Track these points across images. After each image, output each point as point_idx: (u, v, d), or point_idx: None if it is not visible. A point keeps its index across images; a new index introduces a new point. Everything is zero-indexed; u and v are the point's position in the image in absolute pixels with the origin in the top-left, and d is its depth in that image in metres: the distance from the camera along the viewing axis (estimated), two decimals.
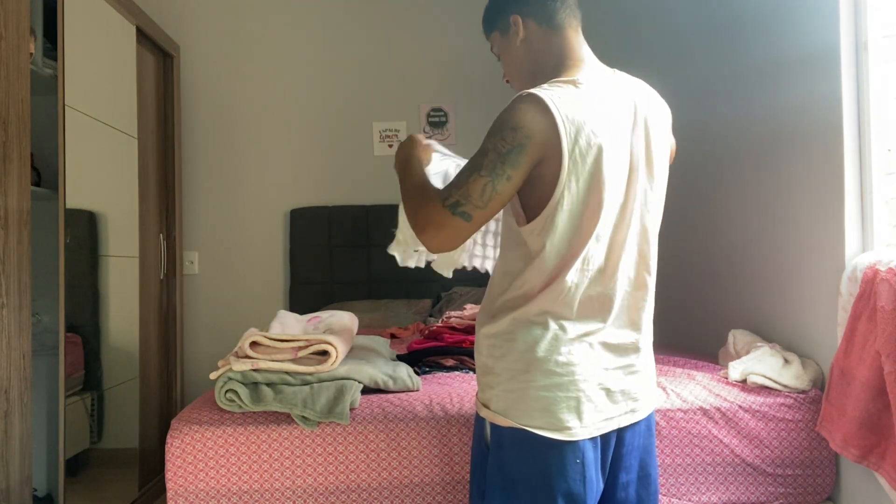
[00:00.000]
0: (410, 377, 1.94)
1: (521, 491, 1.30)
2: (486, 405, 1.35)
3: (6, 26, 2.01)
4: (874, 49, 1.89)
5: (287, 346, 1.81)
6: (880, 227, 1.89)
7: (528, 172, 1.25)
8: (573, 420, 1.28)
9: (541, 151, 1.23)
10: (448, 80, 3.88)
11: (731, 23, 2.59)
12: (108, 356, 2.69)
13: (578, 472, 1.28)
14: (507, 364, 1.32)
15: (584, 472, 1.29)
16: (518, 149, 1.23)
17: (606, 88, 1.33)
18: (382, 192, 3.81)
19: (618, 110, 1.31)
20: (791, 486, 1.88)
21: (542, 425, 1.28)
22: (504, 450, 1.32)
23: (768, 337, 2.28)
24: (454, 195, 1.25)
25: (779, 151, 2.27)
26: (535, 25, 1.38)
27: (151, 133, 3.25)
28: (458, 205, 1.24)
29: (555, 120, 1.22)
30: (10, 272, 2.01)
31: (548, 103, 1.23)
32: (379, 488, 1.76)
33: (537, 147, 1.23)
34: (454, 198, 1.24)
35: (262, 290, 3.79)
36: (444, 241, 1.28)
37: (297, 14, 3.85)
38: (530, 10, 1.38)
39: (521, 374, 1.30)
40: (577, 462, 1.28)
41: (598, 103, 1.28)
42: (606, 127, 1.27)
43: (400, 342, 2.80)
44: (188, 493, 1.73)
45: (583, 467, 1.29)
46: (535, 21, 1.38)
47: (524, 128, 1.23)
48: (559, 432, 1.27)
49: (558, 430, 1.27)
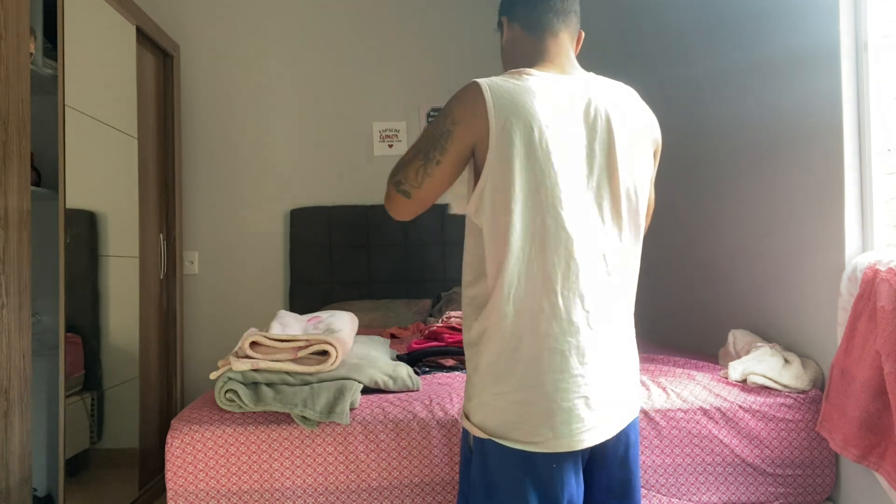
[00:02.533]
0: (410, 377, 1.94)
1: (502, 496, 1.32)
2: (467, 416, 1.39)
3: (6, 26, 2.01)
4: (874, 49, 1.89)
5: (287, 346, 1.81)
6: (880, 227, 1.89)
7: (459, 156, 1.34)
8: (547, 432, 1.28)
9: (471, 135, 1.32)
10: (448, 80, 3.85)
11: (731, 22, 2.59)
12: (108, 356, 2.69)
13: (557, 479, 1.30)
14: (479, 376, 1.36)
15: (562, 478, 1.30)
16: (446, 135, 1.34)
17: (559, 83, 1.37)
18: (382, 192, 3.79)
19: (566, 104, 1.34)
20: (791, 486, 1.88)
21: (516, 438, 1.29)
22: (485, 458, 1.34)
23: (768, 337, 2.28)
24: (398, 174, 1.40)
25: (779, 151, 2.27)
26: (520, 29, 1.48)
27: (151, 133, 3.25)
28: (399, 183, 1.39)
29: (486, 102, 1.30)
30: (10, 272, 2.01)
31: (483, 89, 1.31)
32: (379, 488, 1.76)
33: (466, 131, 1.32)
34: (397, 176, 1.40)
35: (262, 290, 3.79)
36: (393, 211, 1.44)
37: (297, 14, 3.85)
38: (517, 15, 1.48)
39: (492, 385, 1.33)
40: (553, 467, 1.30)
41: (543, 94, 1.33)
42: (546, 116, 1.31)
43: (400, 342, 2.80)
44: (188, 493, 1.73)
45: (561, 473, 1.30)
46: (520, 25, 1.47)
47: (452, 114, 1.34)
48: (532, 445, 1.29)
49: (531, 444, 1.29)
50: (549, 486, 1.30)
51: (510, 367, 1.31)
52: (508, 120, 1.29)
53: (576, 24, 1.47)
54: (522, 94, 1.32)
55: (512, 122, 1.29)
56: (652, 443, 1.85)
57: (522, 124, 1.29)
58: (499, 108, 1.30)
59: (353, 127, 3.85)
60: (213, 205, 3.78)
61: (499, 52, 1.59)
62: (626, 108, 1.40)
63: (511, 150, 1.29)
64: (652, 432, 1.85)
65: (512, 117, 1.29)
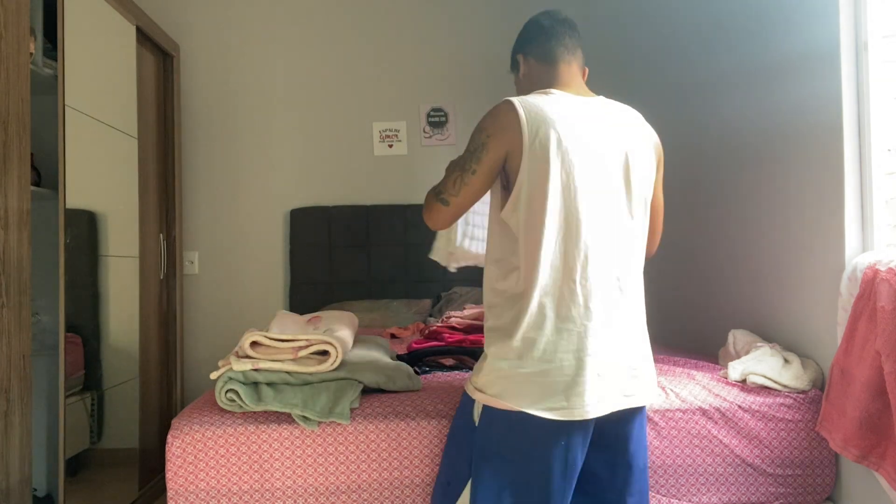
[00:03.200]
0: (410, 377, 1.94)
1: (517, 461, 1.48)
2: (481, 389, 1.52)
3: (6, 26, 2.01)
4: (874, 49, 1.89)
5: (287, 346, 1.81)
6: (880, 227, 1.89)
7: (493, 165, 1.51)
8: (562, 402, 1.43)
9: (504, 145, 1.49)
10: (448, 80, 3.88)
11: (731, 23, 2.59)
12: (108, 356, 2.69)
13: (569, 446, 1.46)
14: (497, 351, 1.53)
15: (573, 447, 1.46)
16: (481, 147, 1.51)
17: (580, 100, 1.56)
18: (382, 192, 3.82)
19: (588, 117, 1.53)
20: (791, 486, 1.88)
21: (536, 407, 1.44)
22: (498, 426, 1.49)
23: (768, 337, 2.28)
24: (440, 185, 1.58)
25: (779, 151, 2.27)
26: (534, 61, 1.66)
27: (151, 133, 3.25)
28: (439, 193, 1.58)
29: (519, 116, 1.47)
30: (10, 272, 2.01)
31: (514, 104, 1.49)
32: (379, 488, 1.76)
33: (498, 143, 1.49)
34: (439, 187, 1.58)
35: (262, 290, 3.79)
36: (432, 220, 1.62)
37: (297, 14, 3.85)
38: (531, 50, 1.67)
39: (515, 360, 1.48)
40: (566, 435, 1.45)
41: (566, 108, 1.51)
42: (572, 126, 1.49)
43: (400, 342, 2.80)
44: (188, 493, 1.73)
45: (571, 441, 1.46)
46: (535, 58, 1.66)
47: (486, 129, 1.51)
48: (550, 412, 1.43)
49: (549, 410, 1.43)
50: (562, 451, 1.45)
51: (534, 346, 1.46)
52: (541, 128, 1.46)
53: (582, 59, 1.66)
54: (551, 104, 1.51)
55: (544, 130, 1.46)
56: (652, 443, 1.85)
57: (554, 132, 1.47)
58: (531, 118, 1.47)
59: (353, 127, 3.85)
60: (213, 205, 3.78)
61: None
62: (635, 123, 1.61)
63: (546, 154, 1.46)
64: (652, 432, 1.85)
65: (543, 126, 1.47)
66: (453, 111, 3.86)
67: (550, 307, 1.47)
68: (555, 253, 1.47)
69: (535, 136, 1.46)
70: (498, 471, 1.48)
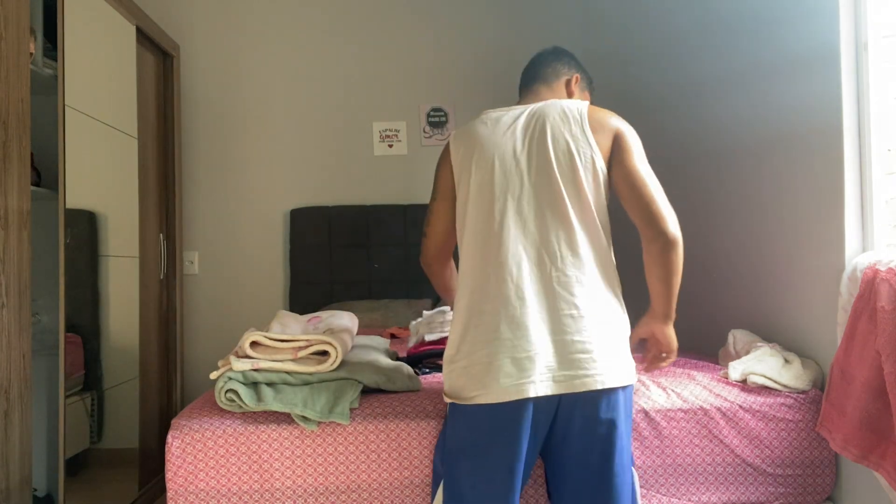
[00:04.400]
0: (410, 377, 1.94)
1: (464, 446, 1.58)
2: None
3: (6, 26, 2.01)
4: (874, 49, 1.89)
5: (287, 346, 1.81)
6: (880, 227, 1.89)
7: (445, 188, 1.72)
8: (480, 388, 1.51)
9: (445, 167, 1.72)
10: (448, 80, 3.88)
11: (731, 23, 2.59)
12: (108, 356, 2.69)
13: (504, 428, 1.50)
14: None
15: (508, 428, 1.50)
16: (435, 179, 1.76)
17: (507, 113, 1.68)
18: (382, 192, 3.82)
19: (505, 126, 1.65)
20: (791, 486, 1.88)
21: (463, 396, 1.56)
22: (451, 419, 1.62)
23: (768, 337, 2.28)
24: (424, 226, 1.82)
25: (779, 151, 2.27)
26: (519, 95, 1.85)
27: (151, 133, 3.25)
28: (423, 230, 1.82)
29: (450, 139, 1.73)
30: (10, 272, 2.01)
31: (452, 133, 1.75)
32: (379, 488, 1.76)
33: (442, 167, 1.74)
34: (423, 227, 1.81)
35: (262, 290, 3.78)
36: (423, 257, 1.84)
37: (297, 14, 3.85)
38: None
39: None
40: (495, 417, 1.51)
41: (489, 122, 1.67)
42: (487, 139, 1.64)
43: (400, 342, 2.80)
44: (188, 493, 1.73)
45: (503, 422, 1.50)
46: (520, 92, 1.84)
47: (438, 163, 1.76)
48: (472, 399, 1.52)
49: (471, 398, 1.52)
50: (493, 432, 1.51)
51: (462, 339, 1.56)
52: (461, 146, 1.68)
53: (556, 77, 1.78)
54: (475, 125, 1.69)
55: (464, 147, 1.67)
56: (652, 443, 1.85)
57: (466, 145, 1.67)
58: (457, 140, 1.70)
59: (353, 127, 3.85)
60: (213, 205, 3.78)
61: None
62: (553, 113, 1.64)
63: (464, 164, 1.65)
64: (652, 432, 1.86)
65: (463, 143, 1.68)
66: (453, 111, 3.85)
67: (472, 302, 1.57)
68: (474, 252, 1.60)
69: (458, 150, 1.68)
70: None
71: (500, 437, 1.50)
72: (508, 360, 1.48)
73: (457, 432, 1.58)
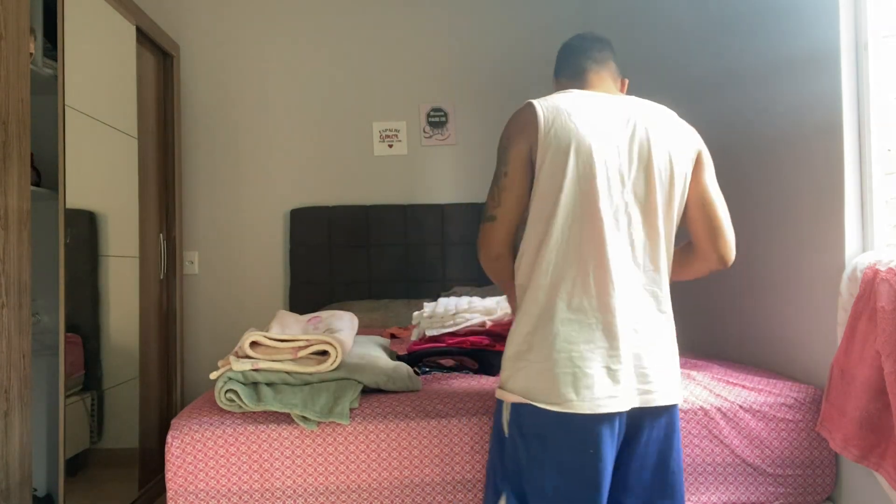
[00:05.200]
0: (410, 377, 1.94)
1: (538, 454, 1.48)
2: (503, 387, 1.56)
3: (6, 26, 2.01)
4: (874, 49, 1.89)
5: (287, 346, 1.81)
6: (880, 227, 1.89)
7: (520, 162, 1.54)
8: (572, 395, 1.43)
9: (525, 140, 1.52)
10: (448, 80, 3.88)
11: (731, 23, 2.59)
12: (108, 356, 2.69)
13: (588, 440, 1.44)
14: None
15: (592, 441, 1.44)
16: (503, 149, 1.56)
17: (601, 100, 1.57)
18: (382, 192, 3.82)
19: (606, 117, 1.54)
20: (791, 486, 1.88)
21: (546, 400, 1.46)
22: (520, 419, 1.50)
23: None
24: (484, 210, 1.60)
25: (779, 151, 2.27)
26: (565, 80, 1.72)
27: (151, 133, 3.25)
28: (485, 213, 1.60)
29: (535, 110, 1.52)
30: (10, 272, 2.01)
31: (532, 101, 1.54)
32: (379, 488, 1.76)
33: (519, 139, 1.53)
34: (483, 213, 1.60)
35: (262, 290, 3.79)
36: (485, 246, 1.60)
37: (297, 14, 3.85)
38: (560, 71, 1.74)
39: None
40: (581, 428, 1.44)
41: (584, 106, 1.54)
42: (587, 125, 1.50)
43: (400, 342, 2.80)
44: (188, 493, 1.73)
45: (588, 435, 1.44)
46: (565, 77, 1.72)
47: (507, 132, 1.57)
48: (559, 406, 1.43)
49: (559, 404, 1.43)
50: (577, 446, 1.44)
51: (544, 338, 1.46)
52: (556, 119, 1.50)
53: (615, 69, 1.71)
54: (567, 100, 1.55)
55: (557, 124, 1.50)
56: None
57: (563, 126, 1.50)
58: (546, 111, 1.51)
59: (353, 127, 3.85)
60: (213, 205, 3.78)
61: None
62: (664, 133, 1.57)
63: (559, 146, 1.48)
64: None
65: (559, 117, 1.50)
66: (453, 111, 3.85)
67: (563, 298, 1.46)
68: (567, 246, 1.48)
69: (550, 127, 1.50)
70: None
71: (589, 450, 1.44)
72: (604, 370, 1.45)
73: (532, 442, 1.47)
